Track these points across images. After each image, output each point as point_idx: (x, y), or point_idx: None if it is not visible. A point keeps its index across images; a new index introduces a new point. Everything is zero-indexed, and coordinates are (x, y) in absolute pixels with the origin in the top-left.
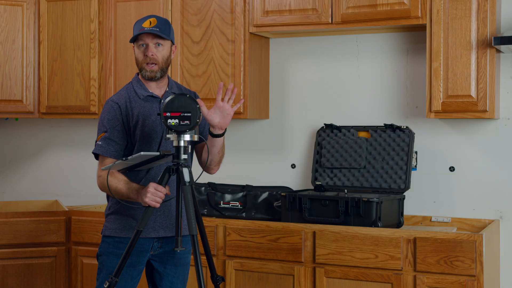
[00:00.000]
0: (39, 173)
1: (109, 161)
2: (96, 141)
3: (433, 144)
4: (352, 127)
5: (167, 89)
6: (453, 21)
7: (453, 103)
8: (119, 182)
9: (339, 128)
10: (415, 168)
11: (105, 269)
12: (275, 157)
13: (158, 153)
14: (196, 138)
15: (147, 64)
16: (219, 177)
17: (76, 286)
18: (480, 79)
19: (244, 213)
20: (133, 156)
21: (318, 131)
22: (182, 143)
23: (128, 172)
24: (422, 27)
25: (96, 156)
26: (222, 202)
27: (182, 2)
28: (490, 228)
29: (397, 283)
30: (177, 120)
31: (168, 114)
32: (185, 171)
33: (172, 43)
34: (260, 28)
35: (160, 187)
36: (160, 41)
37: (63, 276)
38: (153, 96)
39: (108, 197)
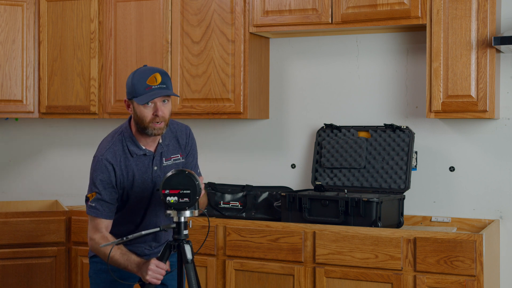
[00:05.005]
0: (39, 173)
1: (103, 224)
2: (87, 201)
3: (433, 144)
4: (352, 127)
5: (160, 141)
6: (453, 21)
7: (453, 103)
8: (115, 251)
9: (339, 128)
10: (415, 168)
11: None
12: (275, 157)
13: (158, 229)
14: (196, 213)
15: (154, 123)
16: (219, 177)
17: (76, 286)
18: (480, 79)
19: (244, 213)
20: (134, 235)
21: (318, 131)
22: (182, 219)
23: (122, 219)
24: (422, 27)
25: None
26: (222, 202)
27: (182, 2)
28: (490, 228)
29: (397, 283)
30: (176, 198)
31: (167, 191)
32: (187, 248)
33: None
34: (260, 28)
35: (161, 264)
36: (167, 98)
37: (63, 276)
38: (146, 155)
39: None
